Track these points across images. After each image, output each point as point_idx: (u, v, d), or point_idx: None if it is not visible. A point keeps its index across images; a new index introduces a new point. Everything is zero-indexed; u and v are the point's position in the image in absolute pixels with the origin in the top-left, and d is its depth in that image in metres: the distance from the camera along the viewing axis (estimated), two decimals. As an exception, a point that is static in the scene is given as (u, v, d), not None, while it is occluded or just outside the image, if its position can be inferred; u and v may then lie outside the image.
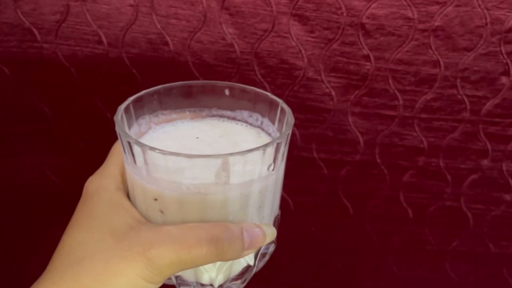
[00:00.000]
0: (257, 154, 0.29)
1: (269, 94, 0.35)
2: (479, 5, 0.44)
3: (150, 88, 0.35)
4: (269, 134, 0.36)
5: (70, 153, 0.51)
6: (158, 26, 0.45)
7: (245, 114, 0.37)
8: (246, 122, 0.37)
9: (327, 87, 0.48)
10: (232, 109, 0.37)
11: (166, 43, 0.46)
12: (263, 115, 0.36)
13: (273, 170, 0.31)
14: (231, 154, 0.28)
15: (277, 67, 0.47)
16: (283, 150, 0.32)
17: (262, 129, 0.36)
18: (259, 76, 0.47)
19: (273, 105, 0.35)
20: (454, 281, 0.58)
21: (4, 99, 0.48)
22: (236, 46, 0.46)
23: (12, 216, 0.55)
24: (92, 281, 0.28)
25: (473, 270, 0.58)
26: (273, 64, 0.47)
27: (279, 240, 0.37)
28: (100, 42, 0.46)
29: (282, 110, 0.34)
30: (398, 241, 0.56)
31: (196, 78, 0.47)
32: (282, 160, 0.32)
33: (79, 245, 0.30)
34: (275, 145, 0.30)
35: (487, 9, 0.44)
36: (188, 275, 0.34)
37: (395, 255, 0.57)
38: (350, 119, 0.49)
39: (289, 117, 0.33)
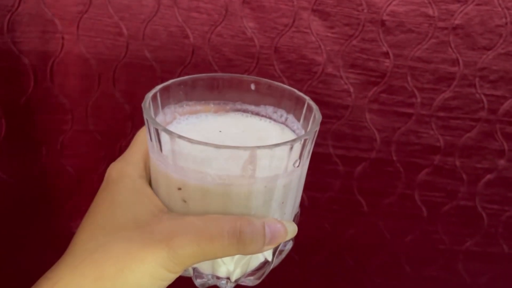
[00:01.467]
0: (284, 149, 0.29)
1: (295, 90, 0.35)
2: (500, 4, 0.44)
3: (177, 78, 0.35)
4: (294, 131, 0.36)
5: (87, 145, 0.52)
6: (180, 19, 0.46)
7: (269, 109, 0.37)
8: (270, 118, 0.37)
9: (346, 83, 0.48)
10: (256, 104, 0.37)
11: (187, 36, 0.46)
12: (288, 112, 0.36)
13: (298, 166, 0.31)
14: (259, 147, 0.28)
15: (296, 62, 0.47)
16: (309, 147, 0.32)
17: (286, 126, 0.36)
18: (278, 71, 0.47)
19: (299, 101, 0.35)
20: (466, 282, 0.58)
21: (24, 90, 0.49)
22: (256, 41, 0.46)
23: (30, 206, 0.55)
24: (113, 267, 0.28)
25: (486, 271, 0.58)
26: (292, 59, 0.47)
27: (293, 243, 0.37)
28: (121, 34, 0.47)
29: (309, 107, 0.34)
30: (411, 239, 0.56)
31: (215, 72, 0.48)
32: (307, 157, 0.32)
33: (101, 231, 0.30)
34: (302, 141, 0.30)
35: (507, 8, 0.44)
36: (205, 267, 0.34)
37: (407, 253, 0.57)
38: (368, 116, 0.49)
39: (317, 114, 0.33)
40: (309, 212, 0.54)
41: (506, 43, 0.46)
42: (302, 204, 0.53)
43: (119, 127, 0.51)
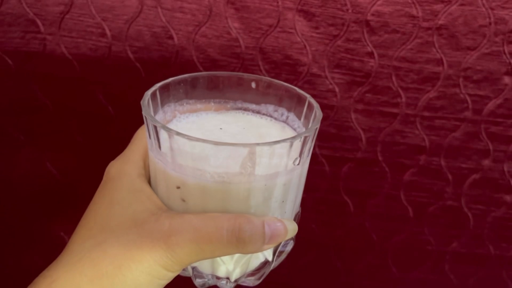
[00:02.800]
0: (284, 146, 0.29)
1: (296, 88, 0.35)
2: (483, 5, 0.45)
3: (177, 76, 0.35)
4: (294, 129, 0.36)
5: (70, 146, 0.51)
6: (163, 19, 0.45)
7: (270, 108, 0.37)
8: (271, 116, 0.37)
9: (331, 83, 0.48)
10: (257, 102, 0.37)
11: (171, 37, 0.46)
12: (288, 110, 0.36)
13: (298, 164, 0.31)
14: (258, 144, 0.28)
15: (281, 62, 0.47)
16: (310, 145, 0.31)
17: (287, 124, 0.36)
18: (263, 71, 0.47)
19: (300, 100, 0.35)
20: (453, 283, 0.58)
21: (6, 90, 0.48)
22: (241, 41, 0.46)
23: (11, 208, 0.54)
24: (110, 266, 0.28)
25: (472, 272, 0.58)
26: (277, 60, 0.47)
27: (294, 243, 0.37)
28: (103, 34, 0.46)
29: (310, 105, 0.34)
30: (398, 240, 0.56)
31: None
32: (307, 155, 0.32)
33: (99, 230, 0.30)
34: (302, 138, 0.30)
35: (491, 8, 0.45)
36: (204, 267, 0.34)
37: (394, 255, 0.57)
38: (353, 116, 0.49)
39: (317, 112, 0.33)
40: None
41: (490, 43, 0.46)
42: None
43: (103, 129, 0.50)
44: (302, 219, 0.54)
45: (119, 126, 0.50)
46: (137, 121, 0.37)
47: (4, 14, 0.45)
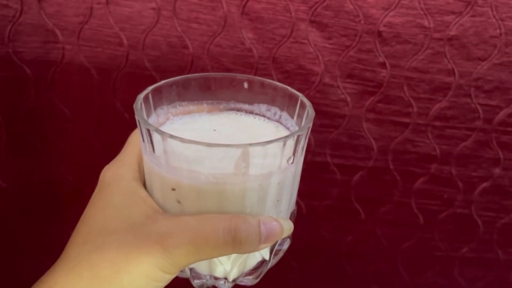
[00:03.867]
0: (277, 146, 0.29)
1: (288, 87, 0.35)
2: (494, 16, 0.45)
3: (169, 79, 0.35)
4: (288, 128, 0.35)
5: (87, 154, 0.52)
6: (179, 29, 0.46)
7: (263, 107, 0.36)
8: (264, 116, 0.36)
9: (343, 93, 0.48)
10: (250, 102, 0.36)
11: (186, 47, 0.47)
12: (281, 109, 0.36)
13: (292, 163, 0.31)
14: (251, 144, 0.28)
15: (294, 72, 0.48)
16: (303, 143, 0.31)
17: (281, 123, 0.36)
18: (276, 81, 0.48)
19: (292, 98, 0.35)
20: (462, 287, 0.59)
21: (25, 99, 0.49)
22: (254, 51, 0.47)
23: (29, 214, 0.56)
24: (108, 269, 0.28)
25: (481, 277, 0.58)
26: (290, 69, 0.48)
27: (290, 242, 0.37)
28: (121, 44, 0.47)
29: (302, 104, 0.34)
30: (408, 246, 0.56)
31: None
32: (301, 154, 0.32)
33: (96, 235, 0.30)
34: (295, 137, 0.30)
35: (502, 19, 0.45)
36: (202, 267, 0.34)
37: (404, 260, 0.58)
38: (365, 125, 0.50)
39: (310, 110, 0.32)
40: (307, 220, 0.55)
41: (501, 53, 0.46)
42: (300, 213, 0.54)
43: (120, 136, 0.51)
44: (313, 225, 0.55)
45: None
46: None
47: (24, 24, 0.46)
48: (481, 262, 0.57)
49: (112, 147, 0.52)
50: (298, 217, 0.38)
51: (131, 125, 0.51)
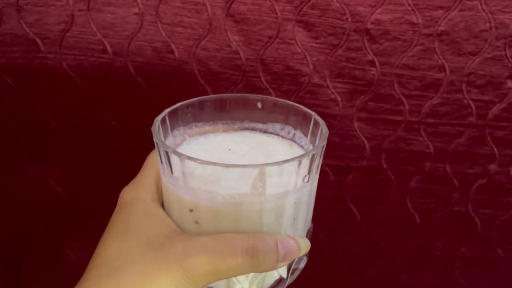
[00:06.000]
0: (293, 165, 0.29)
1: (301, 106, 0.36)
2: (484, 10, 0.44)
3: (185, 101, 0.35)
4: (302, 147, 0.36)
5: (74, 163, 0.51)
6: (164, 34, 0.45)
7: (277, 126, 0.37)
8: (278, 134, 0.37)
9: (333, 93, 0.48)
10: (264, 121, 0.37)
11: (172, 51, 0.46)
12: (295, 128, 0.36)
13: (307, 181, 0.31)
14: (267, 164, 0.28)
15: (282, 73, 0.47)
16: (318, 161, 0.32)
17: (294, 141, 0.36)
18: (265, 83, 0.47)
19: (306, 117, 0.35)
20: (463, 287, 0.58)
21: (8, 110, 0.48)
22: (241, 53, 0.46)
23: (16, 227, 0.54)
24: None
25: (482, 276, 0.57)
26: (278, 71, 0.47)
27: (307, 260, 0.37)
28: (105, 51, 0.46)
29: (315, 122, 0.34)
30: (406, 247, 0.56)
31: (202, 86, 0.47)
32: (316, 172, 0.32)
33: (115, 255, 0.30)
34: (310, 156, 0.30)
35: (492, 13, 0.44)
36: (220, 286, 0.34)
37: (403, 261, 0.57)
38: (356, 124, 0.49)
39: (323, 129, 0.33)
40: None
41: (492, 47, 0.46)
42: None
43: (107, 144, 0.50)
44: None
45: (123, 140, 0.50)
46: (141, 134, 0.37)
47: (4, 34, 0.45)
48: (481, 261, 0.56)
49: (99, 155, 0.51)
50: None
51: (119, 133, 0.50)
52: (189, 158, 0.29)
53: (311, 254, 0.56)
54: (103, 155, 0.51)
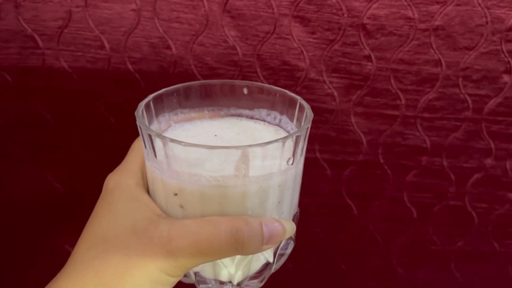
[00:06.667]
0: (276, 147, 0.29)
1: (287, 91, 0.36)
2: (479, 4, 0.45)
3: (170, 87, 0.35)
4: (288, 132, 0.36)
5: (73, 160, 0.51)
6: (161, 30, 0.46)
7: (263, 112, 0.37)
8: (264, 120, 0.37)
9: (329, 88, 0.48)
10: (250, 108, 0.37)
11: (169, 47, 0.46)
12: (281, 113, 0.36)
13: (292, 164, 0.31)
14: (250, 145, 0.28)
15: (279, 68, 0.47)
16: (302, 144, 0.32)
17: (281, 127, 0.36)
18: (262, 78, 0.47)
19: (291, 102, 0.35)
20: (459, 281, 0.58)
21: (6, 106, 0.48)
22: (238, 49, 0.46)
23: (15, 224, 0.55)
24: (113, 274, 0.29)
25: (478, 270, 0.58)
26: (275, 66, 0.47)
27: (294, 244, 0.37)
28: (102, 47, 0.46)
29: (301, 107, 0.34)
30: (403, 241, 0.56)
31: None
32: (301, 155, 0.33)
33: (101, 240, 0.30)
34: (294, 138, 0.30)
35: (487, 7, 0.45)
36: (207, 271, 0.34)
37: (399, 256, 0.57)
38: (353, 119, 0.49)
39: (308, 112, 0.33)
40: (299, 218, 0.54)
41: (488, 42, 0.46)
42: (291, 211, 0.54)
43: (105, 141, 0.50)
44: (305, 223, 0.55)
45: (121, 137, 0.50)
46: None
47: (1, 30, 0.45)
48: (477, 255, 0.57)
49: (97, 152, 0.51)
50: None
51: (117, 129, 0.50)
52: (172, 140, 0.29)
53: (308, 248, 0.56)
54: (101, 151, 0.51)
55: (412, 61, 0.47)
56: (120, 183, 0.33)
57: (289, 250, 0.36)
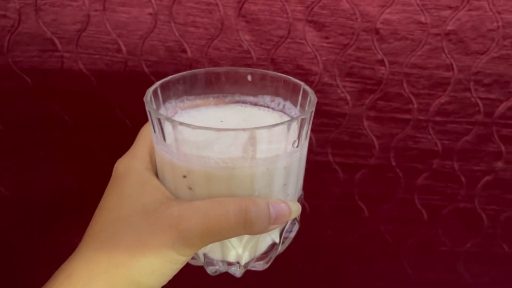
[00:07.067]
0: (282, 129, 0.30)
1: (291, 77, 0.36)
2: (491, 9, 0.45)
3: (176, 74, 0.36)
4: (291, 117, 0.37)
5: (89, 161, 0.52)
6: (177, 34, 0.46)
7: (267, 99, 0.38)
8: (268, 107, 0.38)
9: (342, 92, 0.49)
10: (254, 94, 0.38)
11: (184, 51, 0.47)
12: (285, 99, 0.37)
13: (297, 146, 0.32)
14: (257, 128, 0.29)
15: (293, 72, 0.48)
16: (307, 128, 0.33)
17: (284, 113, 0.37)
18: (276, 82, 0.48)
19: (295, 88, 0.36)
20: (468, 282, 0.59)
21: (25, 108, 0.49)
22: (252, 53, 0.47)
23: (31, 222, 0.56)
24: (125, 254, 0.29)
25: (487, 271, 0.58)
26: (288, 70, 0.48)
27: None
28: (119, 50, 0.47)
29: (304, 92, 0.35)
30: (413, 243, 0.56)
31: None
32: (305, 138, 0.33)
33: (111, 223, 0.31)
34: (299, 121, 0.31)
35: (499, 12, 0.45)
36: (215, 252, 0.35)
37: (409, 257, 0.57)
38: (365, 123, 0.50)
39: (312, 97, 0.34)
40: (311, 220, 0.55)
41: (499, 46, 0.46)
42: (304, 213, 0.54)
43: (121, 143, 0.51)
44: (317, 225, 0.55)
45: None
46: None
47: (22, 34, 0.46)
48: (486, 256, 0.57)
49: (113, 153, 0.52)
50: (302, 217, 0.39)
51: (132, 131, 0.51)
52: (181, 124, 0.29)
53: (319, 249, 0.57)
54: (117, 153, 0.52)
55: (424, 66, 0.47)
56: (129, 167, 0.34)
57: (293, 234, 0.37)
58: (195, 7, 0.45)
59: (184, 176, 0.32)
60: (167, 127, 0.31)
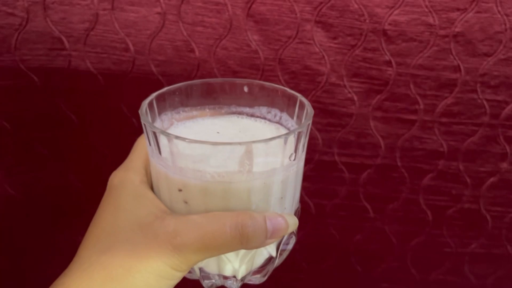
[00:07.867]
0: (279, 143, 0.30)
1: (287, 89, 0.36)
2: (499, 11, 0.45)
3: (172, 85, 0.36)
4: (288, 129, 0.37)
5: (95, 159, 0.52)
6: (185, 33, 0.46)
7: (263, 110, 0.37)
8: (264, 118, 0.38)
9: (349, 92, 0.49)
10: (250, 105, 0.38)
11: (192, 50, 0.47)
12: (281, 110, 0.37)
13: (294, 159, 0.32)
14: (254, 141, 0.29)
15: (300, 72, 0.48)
16: (304, 140, 0.32)
17: (281, 124, 0.37)
18: (283, 82, 0.48)
19: (291, 99, 0.36)
20: (472, 283, 0.59)
21: (32, 106, 0.49)
22: (260, 53, 0.47)
23: (37, 221, 0.56)
24: (120, 268, 0.29)
25: (491, 272, 0.58)
26: (296, 70, 0.48)
27: (300, 241, 0.37)
28: (127, 49, 0.47)
29: (301, 104, 0.35)
30: (417, 243, 0.57)
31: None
32: (302, 151, 0.33)
33: (106, 235, 0.31)
34: (296, 134, 0.31)
35: (507, 15, 0.45)
36: (211, 266, 0.35)
37: (414, 258, 0.58)
38: (372, 123, 0.50)
39: (309, 109, 0.34)
40: (316, 219, 0.55)
41: (506, 49, 0.46)
42: (309, 212, 0.54)
43: (127, 142, 0.51)
44: (322, 225, 0.55)
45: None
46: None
47: (30, 32, 0.46)
48: (490, 257, 0.57)
49: (119, 152, 0.52)
50: (307, 217, 0.39)
51: (139, 131, 0.51)
52: (177, 137, 0.29)
53: (324, 249, 0.57)
54: (123, 152, 0.52)
55: (431, 67, 0.47)
56: (124, 180, 0.33)
57: (290, 246, 0.37)
58: (204, 7, 0.46)
59: (180, 190, 0.31)
60: (163, 140, 0.30)
